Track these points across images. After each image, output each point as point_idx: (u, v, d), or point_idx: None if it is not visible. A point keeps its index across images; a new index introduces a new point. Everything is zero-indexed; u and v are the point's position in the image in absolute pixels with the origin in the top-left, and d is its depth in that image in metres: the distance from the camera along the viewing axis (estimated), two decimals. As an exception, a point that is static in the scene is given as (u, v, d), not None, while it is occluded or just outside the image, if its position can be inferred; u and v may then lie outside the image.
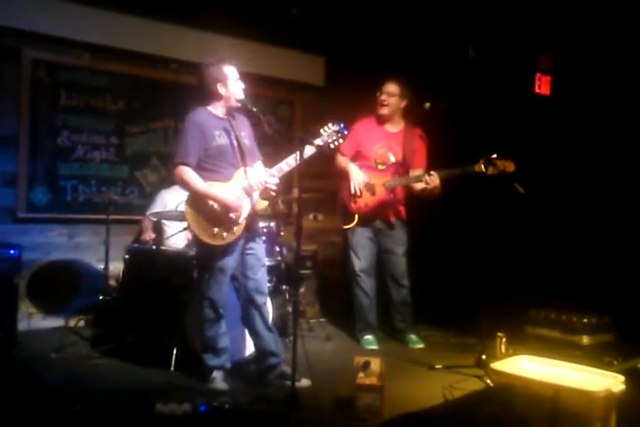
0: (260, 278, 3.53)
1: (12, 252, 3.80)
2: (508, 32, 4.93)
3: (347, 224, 4.53)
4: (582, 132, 4.61)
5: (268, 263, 3.94)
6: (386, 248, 4.56)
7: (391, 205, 4.50)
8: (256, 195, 3.41)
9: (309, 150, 3.35)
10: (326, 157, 3.58)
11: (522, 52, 4.93)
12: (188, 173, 3.32)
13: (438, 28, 5.21)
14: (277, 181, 3.39)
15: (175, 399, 2.96)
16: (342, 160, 4.51)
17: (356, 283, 4.57)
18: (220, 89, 3.36)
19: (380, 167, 4.46)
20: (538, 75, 4.93)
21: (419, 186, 4.29)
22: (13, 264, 3.82)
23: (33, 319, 4.53)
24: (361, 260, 4.54)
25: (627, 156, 4.48)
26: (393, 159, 4.44)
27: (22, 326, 4.18)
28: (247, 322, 3.56)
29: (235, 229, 3.34)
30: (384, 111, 4.44)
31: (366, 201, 4.41)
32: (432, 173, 4.14)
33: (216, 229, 3.31)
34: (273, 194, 3.43)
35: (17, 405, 3.01)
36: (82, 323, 4.49)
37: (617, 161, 4.51)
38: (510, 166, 3.81)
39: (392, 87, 4.40)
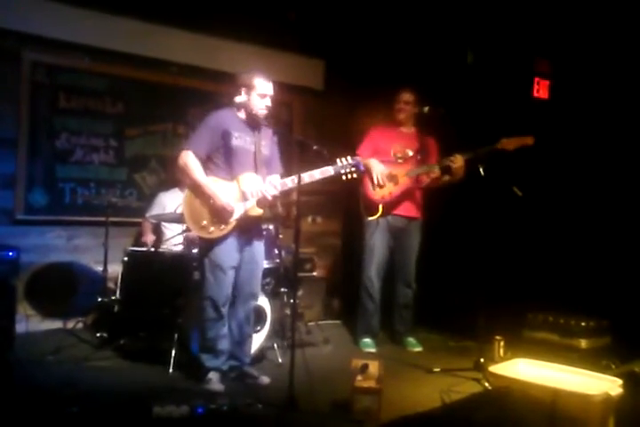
0: (256, 283, 3.59)
1: (10, 254, 3.79)
2: (506, 37, 4.95)
3: (371, 215, 4.51)
4: (581, 135, 4.62)
5: (266, 266, 3.97)
6: (403, 248, 4.61)
7: (414, 197, 4.58)
8: (252, 201, 3.43)
9: (318, 174, 3.42)
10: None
11: (520, 57, 4.95)
12: (191, 158, 3.40)
13: (437, 33, 5.23)
14: (276, 193, 3.43)
15: (173, 402, 2.95)
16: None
17: (363, 287, 4.59)
18: (243, 95, 3.44)
19: (399, 161, 4.54)
20: (536, 79, 4.95)
21: (441, 175, 4.44)
22: (11, 266, 3.80)
23: (31, 322, 4.52)
24: (374, 266, 4.56)
25: (625, 160, 4.49)
26: (411, 153, 4.56)
27: (20, 328, 4.16)
28: (229, 319, 3.56)
29: (222, 226, 3.39)
30: (402, 116, 4.61)
31: (390, 190, 4.47)
32: (455, 154, 4.29)
33: (204, 222, 3.39)
34: (269, 199, 3.45)
35: (14, 407, 3.00)
36: (80, 325, 4.50)
37: (615, 165, 4.52)
38: (529, 139, 4.04)
39: (408, 96, 4.60)
